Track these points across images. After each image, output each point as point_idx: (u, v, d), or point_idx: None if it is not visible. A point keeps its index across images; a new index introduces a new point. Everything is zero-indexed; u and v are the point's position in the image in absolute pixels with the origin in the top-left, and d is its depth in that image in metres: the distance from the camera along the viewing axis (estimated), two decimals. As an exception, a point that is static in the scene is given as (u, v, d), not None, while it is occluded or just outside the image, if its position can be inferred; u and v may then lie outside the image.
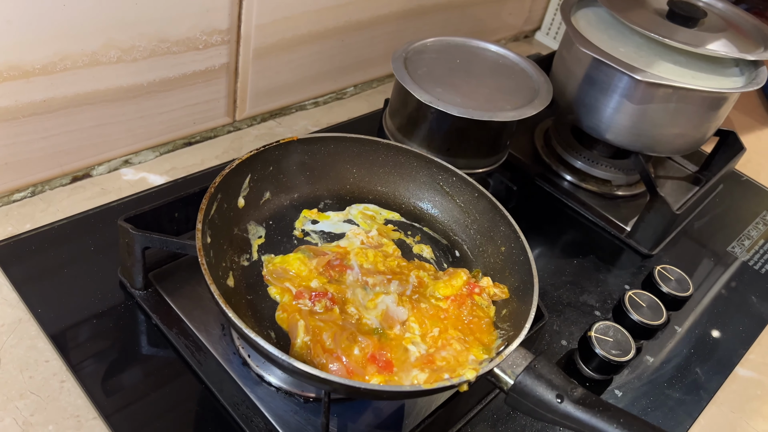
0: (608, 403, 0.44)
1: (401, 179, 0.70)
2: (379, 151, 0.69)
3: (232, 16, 0.76)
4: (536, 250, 0.82)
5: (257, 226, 0.64)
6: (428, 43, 0.82)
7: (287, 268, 0.60)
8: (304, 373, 0.45)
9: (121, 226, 0.58)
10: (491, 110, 0.73)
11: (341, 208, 0.69)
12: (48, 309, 0.60)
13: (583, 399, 0.44)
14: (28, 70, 0.63)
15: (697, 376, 0.70)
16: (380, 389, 0.47)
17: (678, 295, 0.73)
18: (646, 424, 0.43)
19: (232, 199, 0.61)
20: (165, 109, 0.77)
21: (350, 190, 0.70)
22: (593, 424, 0.43)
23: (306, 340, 0.52)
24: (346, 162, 0.69)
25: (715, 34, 0.82)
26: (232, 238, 0.61)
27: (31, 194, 0.71)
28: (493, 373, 0.47)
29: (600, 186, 0.91)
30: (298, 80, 0.91)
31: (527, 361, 0.46)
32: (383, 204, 0.70)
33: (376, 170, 0.70)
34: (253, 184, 0.63)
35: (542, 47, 1.31)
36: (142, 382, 0.56)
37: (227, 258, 0.59)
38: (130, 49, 0.69)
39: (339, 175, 0.69)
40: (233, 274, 0.58)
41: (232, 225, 0.61)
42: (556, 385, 0.45)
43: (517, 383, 0.45)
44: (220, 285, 0.53)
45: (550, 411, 0.44)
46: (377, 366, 0.50)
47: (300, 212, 0.67)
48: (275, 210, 0.66)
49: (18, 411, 0.53)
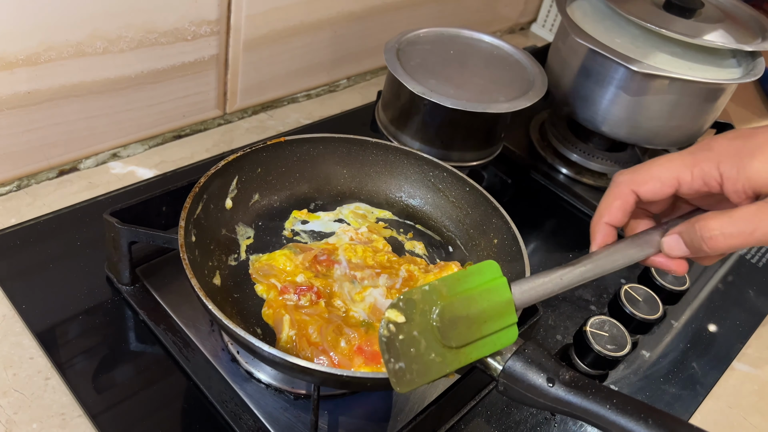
0: (600, 385, 0.43)
1: (392, 177, 0.69)
2: (369, 150, 0.68)
3: (221, 7, 0.74)
4: (532, 244, 0.81)
5: (246, 227, 0.63)
6: (421, 34, 0.81)
7: (273, 265, 0.59)
8: (286, 362, 0.44)
9: (107, 220, 0.57)
10: (485, 102, 0.71)
11: (332, 209, 0.68)
12: (33, 305, 0.59)
13: (574, 381, 0.43)
14: (12, 60, 0.61)
15: (694, 371, 0.69)
16: (364, 376, 0.46)
17: (674, 289, 0.72)
18: (638, 404, 0.42)
19: (219, 201, 0.60)
20: (154, 102, 0.76)
21: (341, 190, 0.69)
22: (585, 406, 0.42)
23: (291, 334, 0.51)
24: (336, 162, 0.68)
25: (712, 25, 0.80)
26: (219, 239, 0.60)
27: (17, 188, 0.70)
28: (482, 359, 0.46)
29: (596, 179, 0.90)
30: (290, 72, 0.89)
31: (516, 346, 0.45)
32: (374, 203, 0.69)
33: (366, 169, 0.69)
34: (241, 185, 0.62)
35: (538, 39, 1.30)
36: (129, 379, 0.55)
37: (214, 258, 0.58)
38: (116, 40, 0.68)
39: (329, 175, 0.68)
40: (220, 274, 0.58)
41: (220, 226, 0.60)
42: (546, 369, 0.44)
43: (506, 368, 0.45)
44: (205, 283, 0.53)
45: (542, 395, 0.43)
46: (364, 357, 0.50)
47: (290, 213, 0.66)
48: (264, 211, 0.65)
49: (2, 409, 0.52)
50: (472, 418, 0.59)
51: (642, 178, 0.46)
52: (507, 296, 0.46)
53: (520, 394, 0.45)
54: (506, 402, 0.61)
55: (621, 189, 0.46)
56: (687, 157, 0.44)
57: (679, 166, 0.44)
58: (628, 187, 0.46)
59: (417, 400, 0.58)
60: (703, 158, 0.43)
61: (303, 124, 0.90)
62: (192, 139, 0.82)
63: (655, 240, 0.46)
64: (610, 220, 0.46)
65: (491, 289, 0.45)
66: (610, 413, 0.42)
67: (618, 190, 0.46)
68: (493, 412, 0.60)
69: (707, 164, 0.43)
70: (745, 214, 0.41)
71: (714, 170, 0.43)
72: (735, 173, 0.42)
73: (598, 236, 0.47)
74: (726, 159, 0.42)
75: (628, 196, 0.46)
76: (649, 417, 0.42)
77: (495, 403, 0.61)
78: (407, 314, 0.43)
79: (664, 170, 0.45)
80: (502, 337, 0.45)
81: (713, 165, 0.43)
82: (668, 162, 0.45)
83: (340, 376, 0.45)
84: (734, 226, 0.41)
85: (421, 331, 0.43)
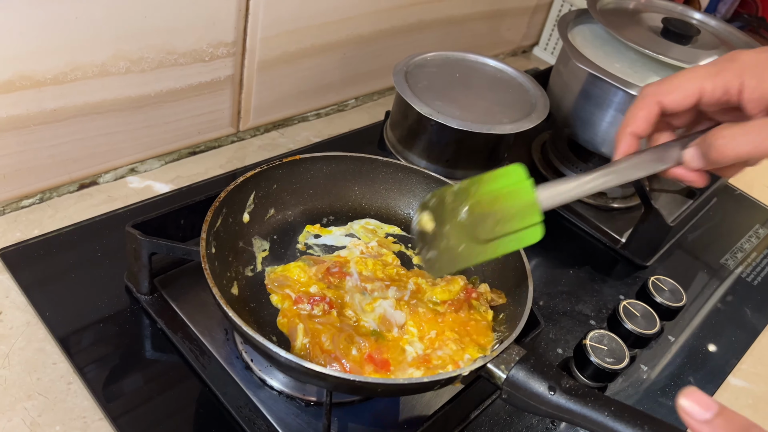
0: (599, 393, 0.45)
1: (401, 195, 0.72)
2: (379, 168, 0.71)
3: (237, 29, 0.78)
4: (533, 261, 0.83)
5: (262, 240, 0.66)
6: (428, 57, 0.84)
7: (288, 276, 0.61)
8: (302, 368, 0.46)
9: (129, 232, 0.60)
10: (489, 123, 0.74)
11: (343, 224, 0.70)
12: (56, 313, 0.61)
13: (574, 390, 0.45)
14: (40, 80, 0.64)
15: (691, 385, 0.71)
16: (375, 382, 0.49)
17: (671, 305, 0.74)
18: (636, 412, 0.44)
19: (237, 214, 0.63)
20: (171, 119, 0.79)
21: (352, 206, 0.72)
22: (584, 414, 0.44)
23: (305, 342, 0.54)
24: (348, 180, 0.71)
25: (708, 51, 0.84)
26: (237, 251, 0.62)
27: (40, 201, 0.73)
28: (486, 369, 0.48)
29: (596, 198, 0.92)
30: (301, 92, 0.93)
31: (519, 356, 0.48)
32: (384, 219, 0.72)
33: (376, 187, 0.72)
34: (257, 200, 0.65)
35: (540, 62, 1.34)
36: (147, 384, 0.58)
37: (232, 269, 0.61)
38: (138, 61, 0.71)
39: (341, 192, 0.71)
40: (237, 284, 0.60)
41: (237, 238, 0.63)
42: (548, 377, 0.46)
43: (510, 377, 0.47)
44: (224, 293, 0.55)
45: (543, 403, 0.46)
46: (374, 365, 0.52)
47: (303, 227, 0.69)
48: (279, 225, 0.68)
49: (26, 411, 0.54)
50: (477, 426, 0.61)
51: (666, 88, 0.47)
52: (531, 197, 0.48)
53: (523, 402, 0.48)
54: (509, 411, 0.63)
55: (647, 100, 0.48)
56: (711, 68, 0.46)
57: (702, 76, 0.46)
58: (654, 98, 0.48)
59: (423, 408, 0.60)
60: (726, 68, 0.45)
61: (313, 142, 0.93)
62: (206, 156, 0.85)
63: (675, 152, 0.48)
64: (634, 129, 0.48)
65: (517, 190, 0.48)
66: (608, 420, 0.45)
67: (644, 102, 0.48)
68: (496, 422, 0.62)
69: (729, 74, 0.45)
70: (757, 124, 0.43)
71: (735, 80, 0.44)
72: (755, 83, 0.44)
73: (623, 145, 0.48)
74: (749, 69, 0.44)
75: (653, 107, 0.47)
76: (645, 424, 0.44)
77: (498, 412, 0.63)
78: (437, 214, 0.48)
79: (687, 80, 0.46)
80: (527, 235, 0.49)
81: (735, 75, 0.44)
82: (692, 72, 0.46)
83: (352, 381, 0.47)
84: (745, 136, 0.43)
85: (451, 227, 0.47)
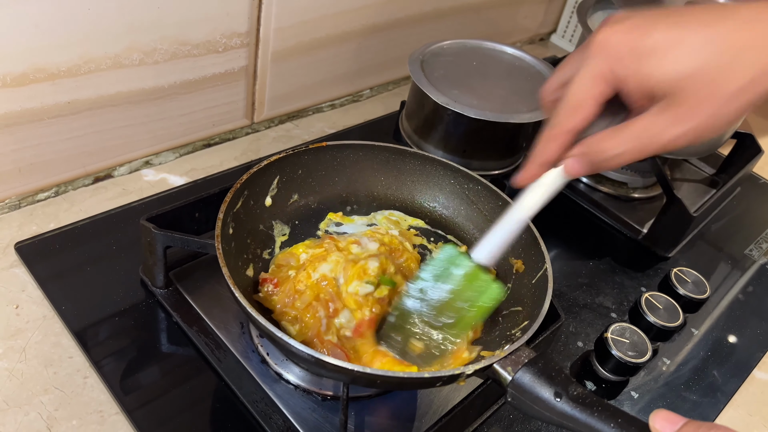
0: (607, 403, 0.43)
1: (427, 187, 0.70)
2: (407, 159, 0.69)
3: (251, 20, 0.77)
4: (552, 252, 0.82)
5: (283, 225, 0.65)
6: (444, 46, 0.83)
7: (293, 252, 0.62)
8: (318, 361, 0.46)
9: (144, 225, 0.59)
10: (507, 112, 0.73)
11: (366, 213, 0.70)
12: (72, 306, 0.61)
13: (581, 398, 0.43)
14: (54, 72, 0.64)
15: (714, 379, 0.70)
16: (393, 375, 0.47)
17: (695, 297, 0.73)
18: (643, 425, 0.42)
19: (259, 197, 0.63)
20: (185, 111, 0.78)
21: (377, 196, 0.70)
22: (590, 423, 0.42)
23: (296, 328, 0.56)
24: (374, 169, 0.70)
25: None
26: (256, 233, 0.62)
27: (55, 194, 0.73)
28: (493, 369, 0.47)
29: (616, 188, 0.91)
30: (316, 83, 0.92)
31: (528, 358, 0.46)
32: (409, 211, 0.71)
33: (402, 178, 0.70)
34: (281, 185, 0.64)
35: (558, 50, 1.31)
36: (163, 378, 0.58)
37: (249, 251, 0.61)
38: (151, 52, 0.70)
39: (366, 181, 0.70)
40: (254, 266, 0.60)
41: (258, 221, 0.63)
42: (555, 383, 0.44)
43: (515, 379, 0.45)
44: (237, 273, 0.55)
45: (548, 409, 0.44)
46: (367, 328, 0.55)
47: (326, 214, 0.68)
48: (301, 211, 0.67)
49: (43, 405, 0.54)
50: (496, 421, 0.60)
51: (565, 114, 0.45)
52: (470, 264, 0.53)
53: (528, 406, 0.46)
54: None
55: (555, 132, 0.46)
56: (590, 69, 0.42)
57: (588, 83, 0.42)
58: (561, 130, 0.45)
59: (441, 402, 0.59)
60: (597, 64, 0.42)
61: (327, 133, 0.92)
62: (221, 148, 0.85)
63: None
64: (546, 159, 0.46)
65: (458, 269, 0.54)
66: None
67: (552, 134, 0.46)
68: (516, 416, 0.61)
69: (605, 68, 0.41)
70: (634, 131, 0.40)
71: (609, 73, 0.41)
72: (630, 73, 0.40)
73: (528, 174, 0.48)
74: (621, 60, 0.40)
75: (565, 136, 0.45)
76: (653, 438, 0.42)
77: (505, 417, 0.62)
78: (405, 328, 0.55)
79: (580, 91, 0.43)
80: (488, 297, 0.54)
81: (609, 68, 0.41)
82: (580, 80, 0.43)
83: (370, 375, 0.46)
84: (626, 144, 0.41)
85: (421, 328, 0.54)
